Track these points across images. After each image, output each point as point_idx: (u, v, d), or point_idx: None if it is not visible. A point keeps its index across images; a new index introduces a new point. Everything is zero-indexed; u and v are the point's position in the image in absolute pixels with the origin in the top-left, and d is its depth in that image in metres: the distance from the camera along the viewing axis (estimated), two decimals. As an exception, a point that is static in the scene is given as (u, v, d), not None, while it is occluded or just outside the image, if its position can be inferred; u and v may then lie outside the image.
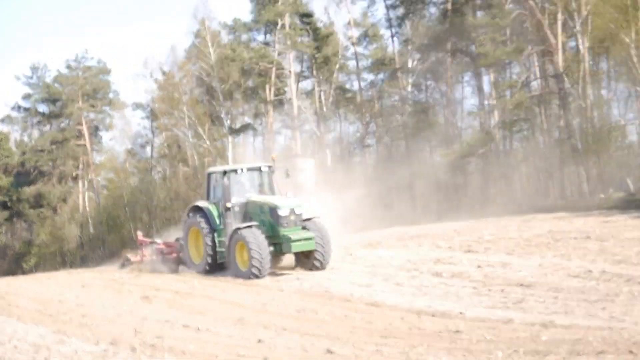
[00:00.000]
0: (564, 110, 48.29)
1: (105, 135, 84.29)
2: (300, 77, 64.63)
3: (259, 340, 13.62)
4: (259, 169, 25.80)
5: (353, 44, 63.48)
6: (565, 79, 46.91)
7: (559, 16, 46.54)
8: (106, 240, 72.66)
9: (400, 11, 60.08)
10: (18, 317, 17.32)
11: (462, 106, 62.47)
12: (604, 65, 52.50)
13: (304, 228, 23.39)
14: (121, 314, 17.32)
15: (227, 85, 59.62)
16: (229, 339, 14.04)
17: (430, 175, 50.07)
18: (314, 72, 64.38)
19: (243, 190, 25.12)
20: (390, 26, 61.36)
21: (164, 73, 68.01)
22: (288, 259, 24.55)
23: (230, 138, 62.10)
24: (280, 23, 60.38)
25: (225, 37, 64.90)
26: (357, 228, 34.62)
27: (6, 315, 17.65)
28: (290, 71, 60.96)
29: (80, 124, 77.97)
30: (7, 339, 14.66)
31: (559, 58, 47.26)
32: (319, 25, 63.59)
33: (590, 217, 33.81)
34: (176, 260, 27.47)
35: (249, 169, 25.78)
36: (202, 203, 25.76)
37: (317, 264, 23.26)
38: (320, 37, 62.16)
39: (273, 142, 64.17)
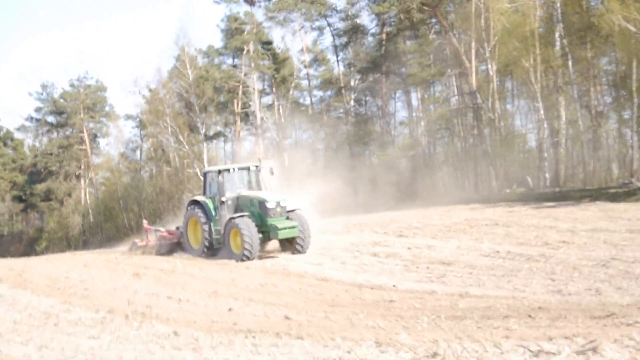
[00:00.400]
0: (477, 121, 48.67)
1: (102, 141, 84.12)
2: (262, 93, 64.39)
3: (230, 309, 13.58)
4: (248, 169, 25.56)
5: (305, 66, 63.26)
6: (478, 95, 47.20)
7: (473, 45, 46.90)
8: (103, 228, 72.30)
9: (344, 40, 60.30)
10: (32, 290, 17.14)
11: (395, 118, 63.02)
12: (509, 84, 52.98)
13: (288, 218, 23.22)
14: (116, 288, 17.16)
15: (202, 100, 59.23)
16: (205, 308, 13.97)
17: (370, 174, 50.32)
18: (274, 89, 64.26)
19: (235, 187, 24.94)
20: (336, 52, 61.42)
21: (150, 90, 67.27)
22: (273, 244, 24.44)
23: (205, 144, 61.84)
24: (245, 49, 60.30)
25: (200, 61, 64.72)
26: (309, 218, 34.58)
27: (22, 289, 17.45)
28: (254, 88, 60.68)
29: (82, 132, 77.48)
30: (23, 308, 14.60)
31: (473, 79, 47.59)
32: (278, 51, 63.51)
33: (498, 207, 34.11)
34: (176, 245, 27.29)
35: (240, 169, 25.58)
36: (199, 197, 25.59)
37: (298, 248, 23.12)
38: (279, 61, 62.05)
39: (240, 147, 64.20)
